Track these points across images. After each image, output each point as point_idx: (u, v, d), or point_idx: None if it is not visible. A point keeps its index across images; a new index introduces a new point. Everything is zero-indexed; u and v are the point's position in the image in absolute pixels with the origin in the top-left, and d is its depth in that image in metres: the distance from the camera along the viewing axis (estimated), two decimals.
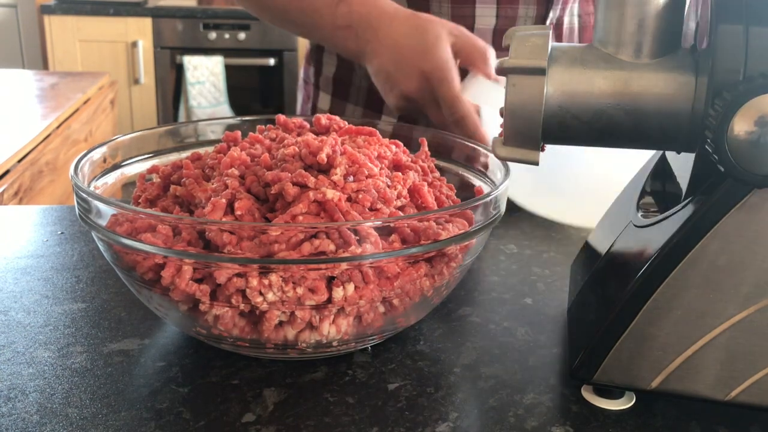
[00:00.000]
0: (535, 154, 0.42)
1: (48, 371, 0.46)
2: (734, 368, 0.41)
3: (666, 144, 0.42)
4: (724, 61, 0.38)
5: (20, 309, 0.53)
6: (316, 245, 0.42)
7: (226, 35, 3.47)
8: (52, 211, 0.73)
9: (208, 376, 0.46)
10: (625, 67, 0.41)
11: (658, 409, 0.44)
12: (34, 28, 3.48)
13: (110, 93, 2.36)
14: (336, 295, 0.43)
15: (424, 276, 0.45)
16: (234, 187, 0.46)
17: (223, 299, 0.43)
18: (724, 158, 0.37)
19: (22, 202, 1.47)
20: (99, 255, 0.62)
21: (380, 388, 0.45)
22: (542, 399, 0.45)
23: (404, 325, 0.49)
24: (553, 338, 0.51)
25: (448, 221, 0.46)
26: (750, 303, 0.40)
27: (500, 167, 0.51)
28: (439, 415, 0.43)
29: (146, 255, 0.43)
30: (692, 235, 0.39)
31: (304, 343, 0.45)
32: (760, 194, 0.38)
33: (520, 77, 0.41)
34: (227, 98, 3.54)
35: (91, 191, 0.45)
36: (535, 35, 0.42)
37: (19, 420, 0.41)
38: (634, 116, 0.41)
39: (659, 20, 0.40)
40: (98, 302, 0.55)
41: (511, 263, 0.63)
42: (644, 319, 0.41)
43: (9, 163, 1.45)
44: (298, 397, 0.44)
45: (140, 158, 0.58)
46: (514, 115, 0.41)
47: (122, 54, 3.38)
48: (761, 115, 0.36)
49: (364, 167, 0.47)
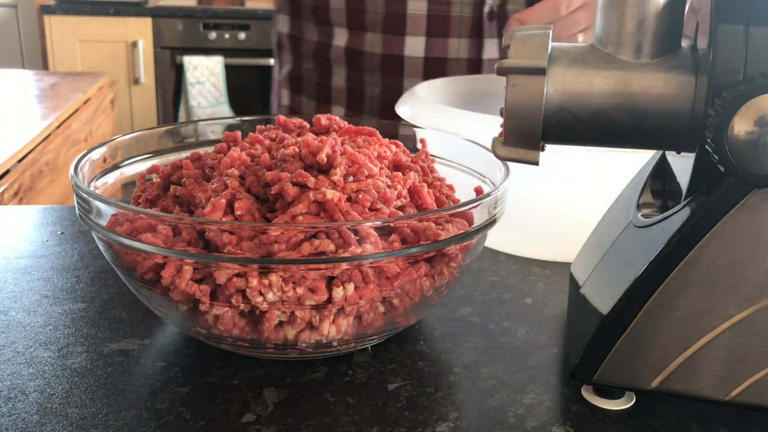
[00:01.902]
0: (535, 154, 0.42)
1: (48, 371, 0.46)
2: (734, 368, 0.41)
3: (666, 144, 0.42)
4: (724, 61, 0.37)
5: (20, 309, 0.53)
6: (316, 245, 0.42)
7: (226, 35, 3.47)
8: (52, 211, 0.73)
9: (208, 376, 0.46)
10: (625, 67, 0.41)
11: (658, 409, 0.44)
12: (34, 28, 3.49)
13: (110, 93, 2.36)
14: (336, 295, 0.43)
15: (424, 276, 0.45)
16: (234, 187, 0.46)
17: (223, 299, 0.43)
18: (724, 158, 0.37)
19: (22, 202, 1.47)
20: (99, 255, 0.62)
21: (380, 388, 0.45)
22: (542, 399, 0.45)
23: (404, 325, 0.49)
24: (553, 338, 0.51)
25: (448, 221, 0.46)
26: (750, 303, 0.40)
27: (500, 167, 0.51)
28: (439, 415, 0.43)
29: (146, 255, 0.43)
30: (692, 235, 0.40)
31: (304, 343, 0.45)
32: (760, 194, 0.38)
33: (520, 77, 0.41)
34: (227, 98, 3.54)
35: (91, 191, 0.45)
36: (535, 35, 0.42)
37: (19, 420, 0.41)
38: (634, 116, 0.41)
39: (659, 20, 0.40)
40: (98, 302, 0.55)
41: (511, 263, 0.63)
42: (644, 319, 0.41)
43: (9, 163, 1.45)
44: (298, 397, 0.44)
45: (140, 158, 0.58)
46: (514, 115, 0.41)
47: (122, 54, 3.38)
48: (761, 115, 0.36)
49: (364, 167, 0.47)
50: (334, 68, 0.92)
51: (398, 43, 0.87)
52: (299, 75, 0.97)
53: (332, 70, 0.93)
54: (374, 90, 0.90)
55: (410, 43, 0.86)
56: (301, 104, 0.97)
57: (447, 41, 0.87)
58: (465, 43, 0.87)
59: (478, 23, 0.86)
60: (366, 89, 0.90)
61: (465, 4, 0.85)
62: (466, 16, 0.86)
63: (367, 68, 0.89)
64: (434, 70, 0.88)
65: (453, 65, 0.88)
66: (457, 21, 0.86)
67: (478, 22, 0.86)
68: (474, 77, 0.92)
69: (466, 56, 0.88)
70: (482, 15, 0.86)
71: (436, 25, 0.86)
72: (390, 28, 0.86)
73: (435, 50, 0.86)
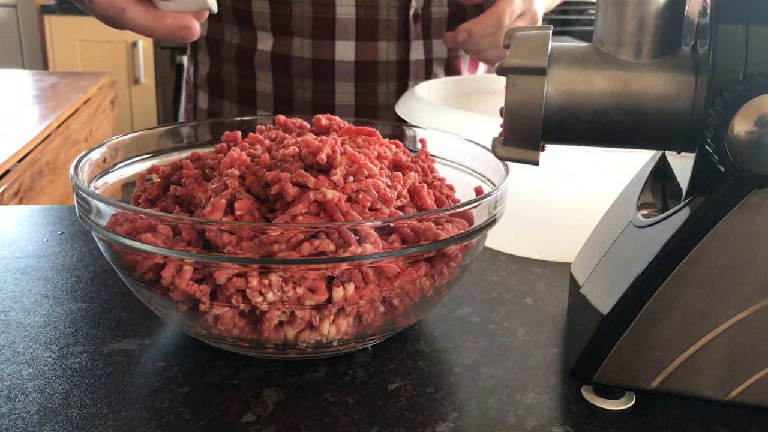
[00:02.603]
0: (535, 154, 0.42)
1: (48, 371, 0.46)
2: (734, 368, 0.41)
3: (666, 144, 0.42)
4: (724, 61, 0.37)
5: (20, 309, 0.53)
6: (316, 245, 0.42)
7: None
8: (52, 211, 0.73)
9: (208, 376, 0.46)
10: (625, 67, 0.41)
11: (658, 409, 0.44)
12: (34, 28, 3.49)
13: (110, 93, 2.36)
14: (336, 295, 0.43)
15: (424, 276, 0.45)
16: (234, 187, 0.46)
17: (223, 299, 0.43)
18: (724, 158, 0.37)
19: (22, 202, 1.47)
20: (99, 255, 0.62)
21: (380, 388, 0.45)
22: (542, 399, 0.45)
23: (404, 325, 0.49)
24: (553, 338, 0.51)
25: (448, 221, 0.46)
26: (750, 303, 0.40)
27: (500, 167, 0.51)
28: (439, 415, 0.43)
29: (146, 255, 0.43)
30: (692, 235, 0.40)
31: (304, 343, 0.45)
32: (760, 194, 0.38)
33: (520, 77, 0.41)
34: None
35: (91, 191, 0.45)
36: (535, 35, 0.42)
37: (19, 420, 0.41)
38: (634, 116, 0.41)
39: (659, 20, 0.40)
40: (98, 302, 0.55)
41: (511, 263, 0.63)
42: (644, 319, 0.41)
43: (9, 163, 1.45)
44: (298, 397, 0.44)
45: (140, 158, 0.58)
46: (514, 115, 0.41)
47: (122, 54, 3.38)
48: (761, 115, 0.36)
49: (364, 167, 0.47)
50: (258, 72, 0.92)
51: (328, 48, 0.88)
52: (219, 77, 0.96)
53: (256, 74, 0.93)
54: (305, 94, 0.91)
55: (340, 48, 0.88)
56: (221, 108, 0.97)
57: (376, 44, 0.89)
58: (393, 45, 0.89)
59: (405, 26, 0.89)
60: (296, 93, 0.91)
61: (391, 7, 0.88)
62: (393, 19, 0.88)
63: (296, 72, 0.90)
64: (365, 73, 0.89)
65: (383, 68, 0.90)
66: (385, 24, 0.88)
67: (404, 24, 0.89)
68: (474, 77, 0.93)
69: (395, 59, 0.90)
70: (408, 18, 0.88)
71: (365, 29, 0.88)
72: (319, 33, 0.88)
73: (365, 54, 0.88)
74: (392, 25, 0.88)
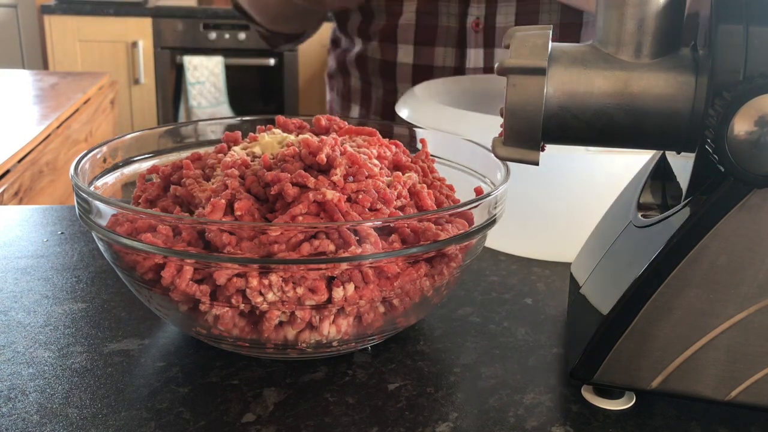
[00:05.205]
0: (535, 154, 0.42)
1: (48, 371, 0.46)
2: (734, 368, 0.41)
3: (666, 144, 0.42)
4: (724, 61, 0.37)
5: (20, 309, 0.53)
6: (316, 245, 0.42)
7: (227, 35, 3.47)
8: (52, 211, 0.73)
9: (208, 376, 0.46)
10: (625, 67, 0.41)
11: (658, 409, 0.44)
12: (34, 28, 3.49)
13: (110, 93, 2.36)
14: (336, 295, 0.43)
15: (424, 276, 0.45)
16: (234, 187, 0.46)
17: (223, 299, 0.43)
18: (724, 158, 0.37)
19: (22, 202, 1.47)
20: (99, 255, 0.62)
21: (380, 388, 0.45)
22: (542, 399, 0.45)
23: (404, 325, 0.49)
24: (553, 338, 0.51)
25: (448, 221, 0.46)
26: (750, 303, 0.40)
27: (500, 167, 0.51)
28: (439, 415, 0.43)
29: (146, 255, 0.43)
30: (692, 235, 0.40)
31: (304, 343, 0.45)
32: (760, 194, 0.38)
33: (520, 77, 0.41)
34: (227, 98, 3.54)
35: (92, 191, 0.46)
36: (535, 35, 0.42)
37: (19, 420, 0.41)
38: (634, 116, 0.41)
39: (659, 20, 0.40)
40: (98, 302, 0.55)
41: (511, 263, 0.63)
42: (644, 319, 0.41)
43: (9, 163, 1.45)
44: (298, 397, 0.44)
45: (140, 158, 0.58)
46: (514, 115, 0.41)
47: (122, 54, 3.38)
48: (761, 115, 0.36)
49: (364, 167, 0.47)
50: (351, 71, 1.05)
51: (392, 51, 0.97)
52: None
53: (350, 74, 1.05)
54: (378, 91, 1.02)
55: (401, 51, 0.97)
56: None
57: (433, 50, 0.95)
58: (450, 52, 0.95)
59: (462, 33, 0.93)
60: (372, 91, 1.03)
61: (451, 15, 0.93)
62: (453, 26, 0.93)
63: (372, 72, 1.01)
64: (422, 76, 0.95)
65: (438, 72, 0.96)
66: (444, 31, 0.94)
67: (461, 32, 0.93)
68: (474, 77, 0.93)
69: (452, 65, 0.95)
70: (466, 26, 0.93)
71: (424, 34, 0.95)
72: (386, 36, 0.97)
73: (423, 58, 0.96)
74: (451, 32, 0.93)
